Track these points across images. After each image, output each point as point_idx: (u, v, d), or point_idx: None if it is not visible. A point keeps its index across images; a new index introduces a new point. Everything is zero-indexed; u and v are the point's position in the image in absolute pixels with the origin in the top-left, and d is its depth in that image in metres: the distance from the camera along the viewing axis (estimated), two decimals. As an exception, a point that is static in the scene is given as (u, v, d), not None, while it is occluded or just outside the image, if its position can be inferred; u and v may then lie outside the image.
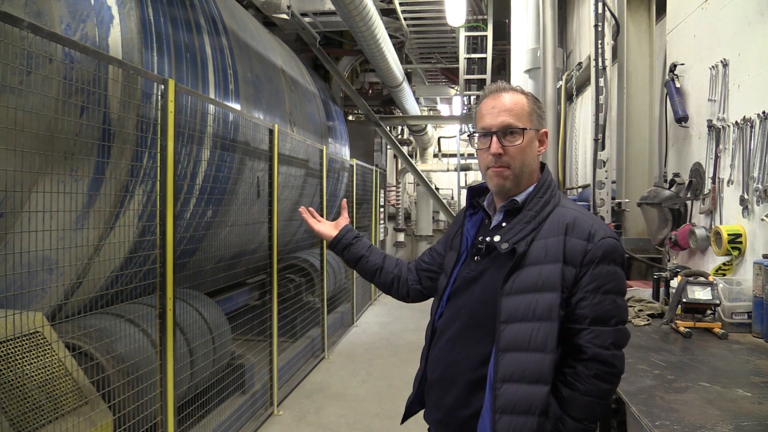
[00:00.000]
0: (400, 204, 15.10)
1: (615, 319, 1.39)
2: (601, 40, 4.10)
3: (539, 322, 1.37)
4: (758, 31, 2.69)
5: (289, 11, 6.44)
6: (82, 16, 2.97)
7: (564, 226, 1.42)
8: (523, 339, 1.38)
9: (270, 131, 4.67)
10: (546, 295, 1.38)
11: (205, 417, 3.74)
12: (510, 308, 1.40)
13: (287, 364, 5.18)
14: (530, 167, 1.51)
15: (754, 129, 2.67)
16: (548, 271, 1.38)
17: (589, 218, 1.45)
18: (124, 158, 3.18)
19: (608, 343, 1.37)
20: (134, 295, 3.71)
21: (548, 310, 1.37)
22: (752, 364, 2.04)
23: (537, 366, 1.36)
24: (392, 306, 9.42)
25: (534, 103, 1.53)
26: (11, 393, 2.20)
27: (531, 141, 1.50)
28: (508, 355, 1.38)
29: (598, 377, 1.37)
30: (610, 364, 1.37)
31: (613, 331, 1.38)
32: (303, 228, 7.05)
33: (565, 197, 1.55)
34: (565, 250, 1.39)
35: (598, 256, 1.38)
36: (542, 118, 1.54)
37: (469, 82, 10.29)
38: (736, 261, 2.80)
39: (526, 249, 1.42)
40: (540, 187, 1.51)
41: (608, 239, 1.40)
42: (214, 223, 4.44)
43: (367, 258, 1.84)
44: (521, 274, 1.41)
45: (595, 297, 1.37)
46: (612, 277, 1.39)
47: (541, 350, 1.36)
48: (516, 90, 1.54)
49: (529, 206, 1.48)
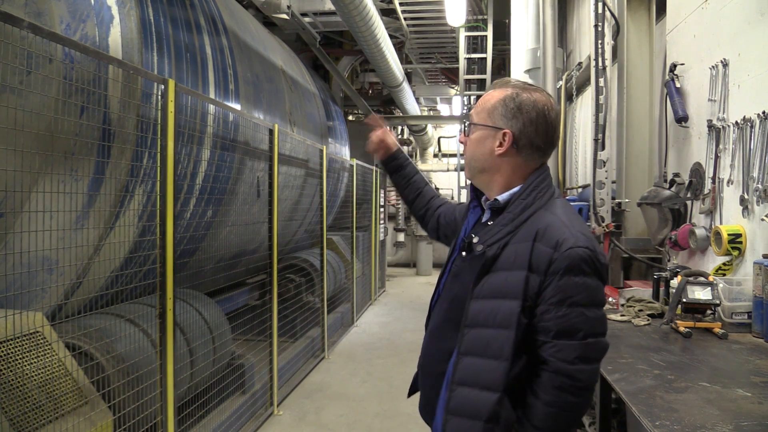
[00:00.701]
0: (400, 204, 15.09)
1: (583, 332, 1.31)
2: (601, 40, 4.10)
3: (498, 330, 1.34)
4: (758, 31, 2.69)
5: (289, 11, 6.44)
6: (82, 16, 2.97)
7: (535, 231, 1.36)
8: (481, 344, 1.36)
9: (270, 131, 4.67)
10: (507, 302, 1.34)
11: (205, 417, 3.74)
12: (474, 312, 1.39)
13: (287, 364, 5.17)
14: (480, 164, 1.48)
15: (754, 129, 2.67)
16: (513, 277, 1.34)
17: (562, 225, 1.35)
18: (124, 158, 3.18)
19: (573, 357, 1.30)
20: (134, 295, 3.71)
21: (508, 317, 1.33)
22: (752, 364, 2.04)
23: (490, 373, 1.34)
24: (392, 306, 9.42)
25: (503, 101, 1.44)
26: (11, 393, 2.19)
27: (481, 138, 1.47)
28: (466, 359, 1.38)
29: (562, 389, 1.31)
30: (574, 378, 1.31)
31: (579, 345, 1.31)
32: (303, 228, 7.06)
33: (558, 201, 1.46)
34: (531, 257, 1.34)
35: (562, 267, 1.31)
36: (508, 118, 1.44)
37: (469, 82, 10.29)
38: (736, 261, 2.80)
39: (496, 253, 1.39)
40: (525, 188, 1.44)
41: (576, 249, 1.31)
42: (214, 223, 4.44)
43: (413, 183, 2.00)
44: (490, 279, 1.38)
45: (560, 310, 1.31)
46: (580, 289, 1.31)
47: (497, 358, 1.34)
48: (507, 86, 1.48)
49: (510, 208, 1.43)
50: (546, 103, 1.45)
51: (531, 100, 1.44)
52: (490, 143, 1.46)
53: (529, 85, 1.48)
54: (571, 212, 1.43)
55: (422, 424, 1.64)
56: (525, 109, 1.43)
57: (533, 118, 1.43)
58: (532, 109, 1.43)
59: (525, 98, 1.44)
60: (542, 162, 1.49)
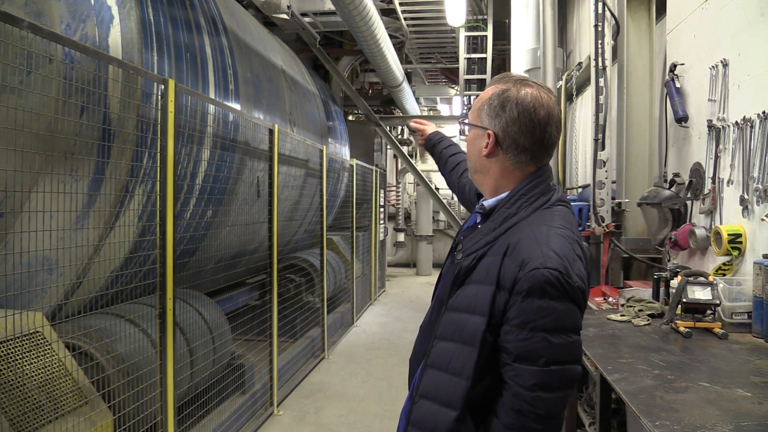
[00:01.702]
0: (400, 204, 15.08)
1: (545, 359, 1.21)
2: (601, 40, 4.11)
3: (463, 346, 1.29)
4: (758, 31, 2.69)
5: (289, 11, 6.44)
6: (82, 16, 2.97)
7: (506, 245, 1.28)
8: (445, 359, 1.32)
9: (270, 131, 4.67)
10: (474, 318, 1.27)
11: (205, 417, 3.73)
12: (445, 324, 1.34)
13: (287, 364, 5.17)
14: (473, 164, 1.44)
15: (754, 129, 2.67)
16: (482, 293, 1.27)
17: (534, 242, 1.25)
18: (124, 158, 3.18)
19: (531, 384, 1.21)
20: (134, 295, 3.71)
21: (473, 334, 1.27)
22: (752, 364, 2.04)
23: (450, 389, 1.29)
24: (392, 306, 9.42)
25: (489, 99, 1.36)
26: (11, 393, 2.19)
27: (473, 137, 1.42)
28: (430, 372, 1.34)
29: (521, 413, 1.23)
30: (532, 405, 1.22)
31: (540, 372, 1.21)
32: (303, 228, 7.06)
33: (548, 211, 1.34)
34: (500, 273, 1.26)
35: (524, 288, 1.21)
36: (491, 117, 1.35)
37: (469, 82, 10.28)
38: (736, 261, 2.80)
39: (471, 264, 1.32)
40: (512, 196, 1.35)
41: (541, 271, 1.20)
42: (214, 223, 4.44)
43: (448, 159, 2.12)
44: (463, 291, 1.33)
45: (521, 333, 1.22)
46: (543, 312, 1.20)
47: (458, 374, 1.28)
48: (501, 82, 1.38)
49: (493, 216, 1.36)
50: (534, 100, 1.32)
51: (516, 97, 1.32)
52: (479, 143, 1.39)
53: (524, 80, 1.36)
54: (556, 226, 1.30)
55: (422, 424, 1.64)
56: (508, 107, 1.33)
57: (515, 117, 1.32)
58: (515, 107, 1.32)
59: (510, 95, 1.33)
60: (537, 165, 1.37)
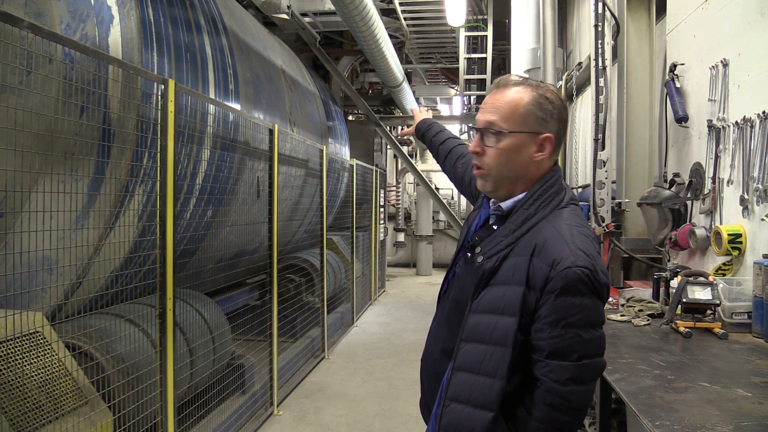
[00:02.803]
0: (400, 204, 15.08)
1: (577, 354, 1.26)
2: (601, 40, 4.10)
3: (494, 347, 1.30)
4: (758, 31, 2.69)
5: (289, 11, 6.43)
6: (82, 16, 2.97)
7: (533, 246, 1.30)
8: (475, 361, 1.33)
9: (270, 131, 4.67)
10: (504, 319, 1.30)
11: (205, 417, 3.73)
12: (471, 326, 1.35)
13: (287, 364, 5.17)
14: (515, 173, 1.39)
15: (754, 129, 2.67)
16: (511, 293, 1.30)
17: (561, 241, 1.29)
18: (124, 158, 3.17)
19: (565, 378, 1.26)
20: (134, 295, 3.71)
21: (504, 335, 1.29)
22: (752, 364, 2.04)
23: (484, 391, 1.30)
24: (392, 306, 9.42)
25: (537, 104, 1.36)
26: (11, 393, 2.19)
27: (518, 145, 1.36)
28: (460, 375, 1.35)
29: (554, 407, 1.28)
30: (566, 399, 1.27)
31: (573, 366, 1.26)
32: (303, 228, 7.06)
33: (565, 211, 1.38)
34: (529, 273, 1.28)
35: (558, 287, 1.25)
36: (546, 121, 1.36)
37: (469, 82, 10.29)
38: (736, 261, 2.80)
39: (494, 266, 1.34)
40: (530, 197, 1.37)
41: (574, 269, 1.25)
42: (214, 223, 4.44)
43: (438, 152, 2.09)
44: (488, 293, 1.34)
45: (554, 330, 1.26)
46: (576, 309, 1.26)
47: (491, 376, 1.30)
48: (524, 85, 1.39)
49: (512, 218, 1.37)
50: (563, 99, 1.44)
51: (558, 99, 1.40)
52: (527, 151, 1.37)
53: (538, 82, 1.42)
54: (575, 225, 1.35)
55: (422, 424, 1.64)
56: (558, 108, 1.39)
57: (564, 118, 1.41)
58: (562, 108, 1.40)
59: (553, 97, 1.39)
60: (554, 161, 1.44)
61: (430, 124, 2.15)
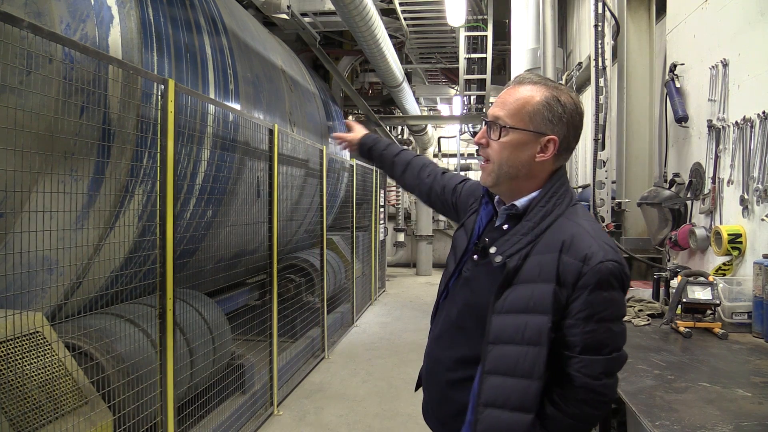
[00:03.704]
0: (400, 204, 15.09)
1: (609, 347, 1.28)
2: (601, 40, 4.10)
3: (528, 346, 1.28)
4: (758, 31, 2.69)
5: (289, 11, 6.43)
6: (82, 16, 2.97)
7: (560, 242, 1.29)
8: (509, 363, 1.29)
9: (270, 131, 4.67)
10: (536, 317, 1.28)
11: (205, 417, 3.74)
12: (499, 328, 1.32)
13: (287, 364, 5.17)
14: (515, 170, 1.37)
15: (754, 129, 2.67)
16: (540, 291, 1.28)
17: (588, 236, 1.30)
18: (124, 158, 3.17)
19: (598, 372, 1.27)
20: (134, 295, 3.71)
21: (538, 333, 1.27)
22: (752, 364, 2.04)
23: (522, 393, 1.28)
24: (392, 306, 9.42)
25: (546, 105, 1.34)
26: (11, 393, 2.19)
27: (519, 143, 1.35)
28: (493, 379, 1.31)
29: (586, 403, 1.29)
30: (599, 393, 1.28)
31: (605, 360, 1.28)
32: (303, 228, 7.05)
33: (578, 207, 1.39)
34: (559, 269, 1.27)
35: (592, 282, 1.25)
36: (553, 123, 1.34)
37: (469, 82, 10.28)
38: (736, 261, 2.80)
39: (518, 264, 1.32)
40: (545, 194, 1.36)
41: (606, 263, 1.26)
42: (214, 223, 4.44)
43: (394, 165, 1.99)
44: (513, 292, 1.31)
45: (587, 325, 1.26)
46: (608, 304, 1.27)
47: (528, 377, 1.28)
48: (540, 84, 1.37)
49: (529, 216, 1.36)
50: (580, 104, 1.39)
51: (572, 103, 1.36)
52: (530, 149, 1.35)
53: (557, 83, 1.40)
54: (592, 220, 1.37)
55: (422, 424, 1.63)
56: (570, 113, 1.35)
57: (577, 124, 1.37)
58: (575, 113, 1.36)
59: (567, 101, 1.35)
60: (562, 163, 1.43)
61: (375, 138, 2.07)
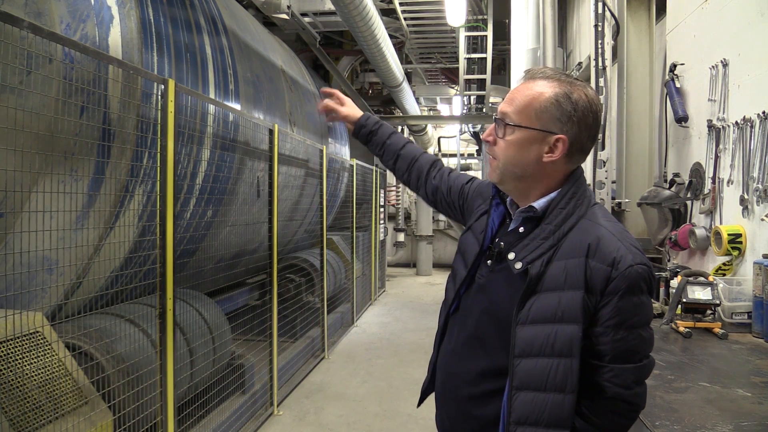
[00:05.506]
0: (400, 204, 15.08)
1: (640, 354, 1.22)
2: (601, 40, 4.10)
3: (558, 359, 1.20)
4: (758, 31, 2.70)
5: (289, 11, 6.44)
6: (82, 16, 2.97)
7: (586, 246, 1.21)
8: (540, 377, 1.21)
9: (270, 131, 4.67)
10: (566, 327, 1.19)
11: (205, 417, 3.73)
12: (525, 340, 1.23)
13: (287, 364, 5.18)
14: (521, 170, 1.29)
15: (754, 129, 2.67)
16: (568, 299, 1.20)
17: (615, 239, 1.22)
18: (124, 158, 3.17)
19: (630, 381, 1.21)
20: (134, 295, 3.71)
21: (569, 344, 1.19)
22: (752, 364, 2.04)
23: (555, 408, 1.20)
24: (392, 306, 9.42)
25: (555, 102, 1.25)
26: (11, 393, 2.19)
27: (525, 141, 1.27)
28: (523, 395, 1.22)
29: (618, 414, 1.23)
30: (631, 403, 1.22)
31: (636, 368, 1.21)
32: (303, 228, 7.06)
33: (597, 209, 1.31)
34: (587, 275, 1.19)
35: (622, 288, 1.18)
36: (562, 122, 1.25)
37: (469, 82, 10.29)
38: (736, 261, 2.80)
39: (541, 271, 1.23)
40: (563, 195, 1.28)
41: (636, 267, 1.18)
42: (214, 223, 4.44)
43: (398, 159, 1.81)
44: (538, 301, 1.22)
45: (618, 333, 1.19)
46: (638, 309, 1.20)
47: (561, 390, 1.19)
48: (553, 79, 1.28)
49: (549, 218, 1.27)
50: (596, 101, 1.29)
51: (585, 101, 1.26)
52: (536, 149, 1.27)
53: (573, 78, 1.29)
54: (614, 221, 1.30)
55: (422, 424, 1.64)
56: (582, 111, 1.25)
57: (590, 123, 1.27)
58: (588, 112, 1.26)
59: (579, 98, 1.25)
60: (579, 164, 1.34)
61: (376, 121, 1.85)
